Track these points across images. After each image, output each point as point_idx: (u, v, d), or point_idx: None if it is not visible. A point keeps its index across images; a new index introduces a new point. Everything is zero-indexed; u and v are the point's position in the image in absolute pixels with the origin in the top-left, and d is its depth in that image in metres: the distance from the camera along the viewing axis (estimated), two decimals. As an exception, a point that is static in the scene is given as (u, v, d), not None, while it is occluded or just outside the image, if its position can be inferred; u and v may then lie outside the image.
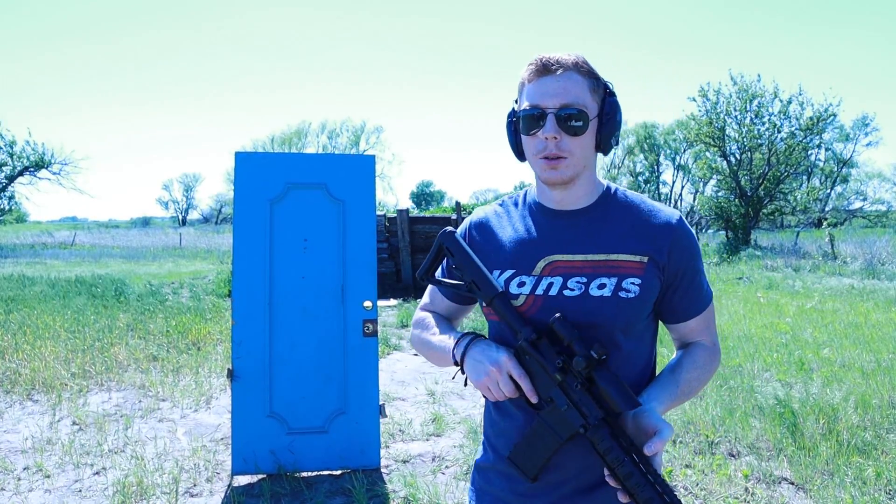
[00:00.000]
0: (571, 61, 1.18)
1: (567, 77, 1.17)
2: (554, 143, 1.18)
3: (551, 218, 1.27)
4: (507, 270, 1.26)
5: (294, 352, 3.69)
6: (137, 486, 3.55)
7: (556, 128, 1.17)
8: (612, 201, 1.27)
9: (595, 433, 1.11)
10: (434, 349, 1.36)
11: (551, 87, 1.17)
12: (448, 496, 3.45)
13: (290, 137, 57.10)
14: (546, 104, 1.17)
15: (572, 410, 1.13)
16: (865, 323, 8.11)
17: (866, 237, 22.56)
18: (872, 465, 3.66)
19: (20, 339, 6.96)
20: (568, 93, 1.17)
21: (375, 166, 3.91)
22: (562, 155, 1.18)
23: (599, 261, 1.21)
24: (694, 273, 1.26)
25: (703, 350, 1.30)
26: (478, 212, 1.39)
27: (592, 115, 1.19)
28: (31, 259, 22.45)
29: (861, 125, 43.12)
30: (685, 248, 1.23)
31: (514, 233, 1.30)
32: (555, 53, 1.19)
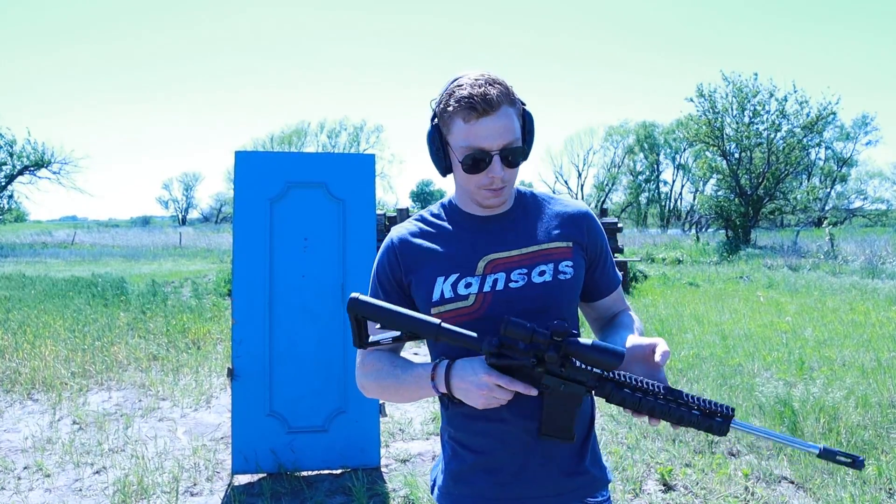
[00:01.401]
0: (500, 93, 1.21)
1: (503, 114, 1.21)
2: (500, 180, 1.25)
3: (479, 222, 1.35)
4: (451, 274, 1.30)
5: (294, 351, 3.69)
6: (138, 485, 3.55)
7: (502, 166, 1.23)
8: (528, 201, 1.39)
9: (601, 392, 1.18)
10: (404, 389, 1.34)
11: (492, 128, 1.21)
12: (448, 495, 3.45)
13: (289, 136, 57.10)
14: (490, 146, 1.21)
15: (570, 385, 1.18)
16: (866, 322, 8.11)
17: (866, 236, 22.55)
18: (873, 464, 3.66)
19: (20, 339, 6.96)
20: (508, 130, 1.22)
21: (375, 165, 3.91)
22: (501, 185, 1.26)
23: (534, 251, 1.31)
24: (607, 254, 1.42)
25: (629, 315, 1.43)
26: (394, 231, 1.40)
27: (522, 140, 1.27)
28: (30, 258, 22.46)
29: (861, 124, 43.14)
30: (598, 231, 1.39)
31: (447, 240, 1.35)
32: (482, 88, 1.20)
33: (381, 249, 1.41)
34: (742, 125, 26.45)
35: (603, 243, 1.40)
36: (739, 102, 26.29)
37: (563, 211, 1.38)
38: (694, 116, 27.53)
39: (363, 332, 1.29)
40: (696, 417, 1.14)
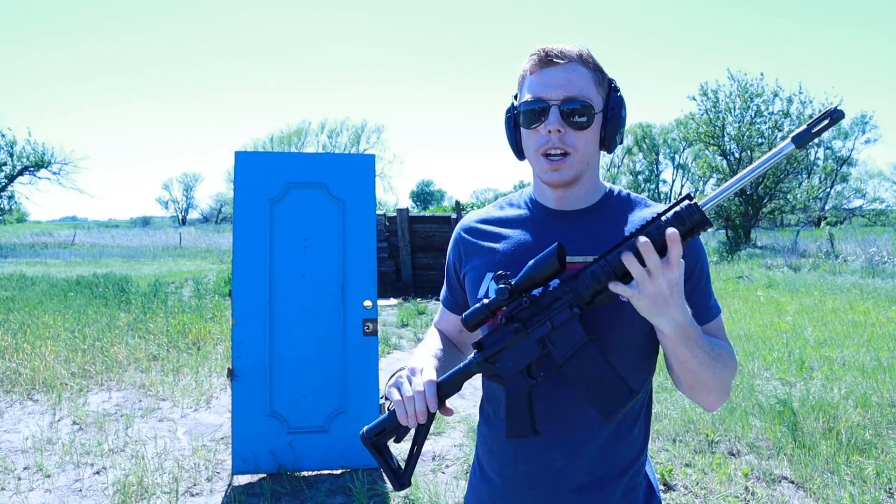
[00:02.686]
0: (576, 52, 1.11)
1: (571, 69, 1.10)
2: (557, 137, 1.10)
3: (550, 219, 1.20)
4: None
5: (294, 351, 3.69)
6: (138, 485, 3.55)
7: (560, 121, 1.09)
8: (614, 203, 1.21)
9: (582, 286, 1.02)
10: None
11: (555, 78, 1.10)
12: (448, 495, 3.45)
13: (289, 137, 57.09)
14: (549, 96, 1.10)
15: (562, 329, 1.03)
16: (865, 321, 8.11)
17: (866, 236, 22.54)
18: (872, 463, 3.66)
19: (20, 339, 6.96)
20: (573, 85, 1.10)
21: (375, 166, 3.91)
22: (566, 150, 1.11)
23: None
24: (700, 277, 1.16)
25: (720, 340, 1.17)
26: (470, 215, 1.32)
27: (597, 109, 1.12)
28: (31, 259, 22.45)
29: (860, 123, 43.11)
30: (692, 248, 1.14)
31: (511, 234, 1.22)
32: (558, 44, 1.12)
33: (456, 229, 1.32)
34: (744, 124, 26.45)
35: (697, 264, 1.15)
36: (744, 101, 26.29)
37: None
38: (695, 115, 27.53)
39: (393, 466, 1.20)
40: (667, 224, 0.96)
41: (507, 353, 1.07)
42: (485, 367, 1.09)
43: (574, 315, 1.02)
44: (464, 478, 3.71)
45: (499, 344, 1.07)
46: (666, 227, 0.95)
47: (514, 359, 1.06)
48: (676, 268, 0.95)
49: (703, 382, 1.07)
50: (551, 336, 1.04)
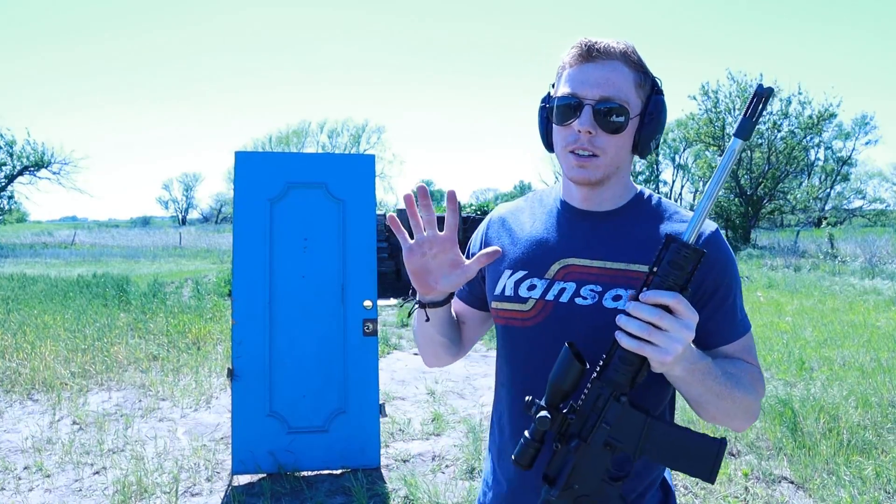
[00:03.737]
0: (620, 49, 1.06)
1: (612, 67, 1.05)
2: (587, 138, 1.06)
3: (574, 218, 1.16)
4: (519, 271, 1.16)
5: (294, 351, 3.69)
6: (137, 485, 3.55)
7: (593, 121, 1.05)
8: (643, 208, 1.15)
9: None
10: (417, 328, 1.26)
11: (593, 75, 1.05)
12: (448, 495, 3.45)
13: (289, 137, 57.10)
14: (585, 94, 1.05)
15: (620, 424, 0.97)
16: (866, 322, 8.11)
17: (866, 236, 22.55)
18: (872, 464, 3.66)
19: (20, 339, 6.96)
20: (611, 84, 1.05)
21: (375, 166, 3.91)
22: (595, 152, 1.06)
23: (618, 270, 1.09)
24: (725, 295, 1.09)
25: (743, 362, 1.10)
26: (500, 207, 1.29)
27: (634, 112, 1.07)
28: (31, 259, 22.45)
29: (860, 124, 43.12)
30: (718, 263, 1.08)
31: (533, 230, 1.19)
32: (603, 38, 1.06)
33: (484, 221, 1.29)
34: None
35: (722, 281, 1.09)
36: (744, 101, 26.30)
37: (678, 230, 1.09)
38: (695, 115, 27.55)
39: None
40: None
41: (578, 472, 0.98)
42: (565, 495, 0.99)
43: (624, 404, 0.96)
44: (463, 478, 3.71)
45: (566, 468, 0.99)
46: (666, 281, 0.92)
47: (590, 474, 0.98)
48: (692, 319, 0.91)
49: (723, 411, 1.03)
50: (613, 435, 0.97)
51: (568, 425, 0.98)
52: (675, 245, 0.92)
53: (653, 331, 0.90)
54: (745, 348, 1.11)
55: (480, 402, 5.24)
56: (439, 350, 1.28)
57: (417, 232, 1.09)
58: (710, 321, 1.08)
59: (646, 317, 0.90)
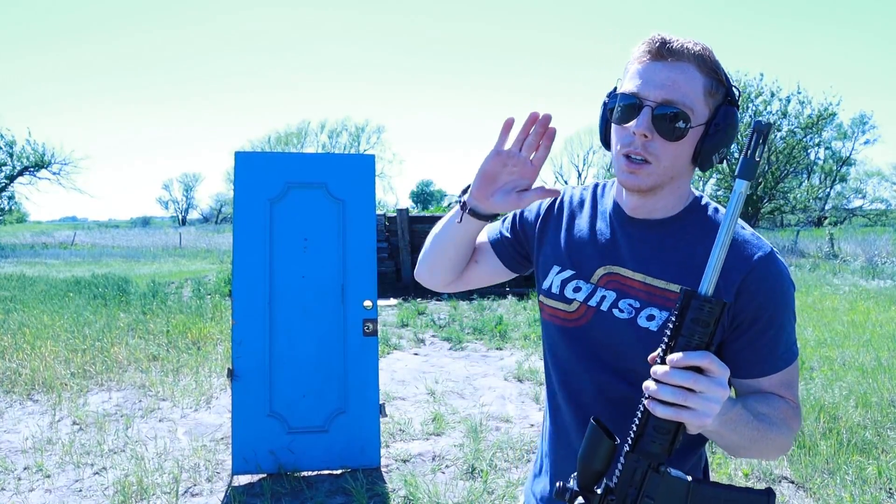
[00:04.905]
0: (695, 51, 0.99)
1: (681, 69, 0.98)
2: (642, 142, 1.00)
3: (623, 224, 1.12)
4: (566, 270, 1.15)
5: (294, 351, 3.69)
6: (138, 485, 3.55)
7: (650, 125, 0.98)
8: (696, 219, 1.09)
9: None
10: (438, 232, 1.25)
11: (658, 76, 0.98)
12: (448, 495, 3.45)
13: (289, 137, 57.10)
14: (647, 94, 0.99)
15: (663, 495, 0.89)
16: (866, 321, 8.11)
17: (866, 236, 22.55)
18: (873, 463, 3.66)
19: (20, 339, 6.96)
20: (676, 88, 0.98)
21: (375, 166, 3.91)
22: (647, 158, 1.01)
23: (657, 288, 1.05)
24: (768, 326, 1.01)
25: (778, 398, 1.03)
26: (571, 191, 1.25)
27: (699, 120, 1.00)
28: (31, 259, 22.45)
29: (859, 123, 43.12)
30: (759, 292, 1.00)
31: (586, 228, 1.16)
32: (679, 38, 1.00)
33: (550, 199, 1.23)
34: (744, 125, 26.44)
35: (766, 310, 1.01)
36: (743, 101, 26.31)
37: (730, 251, 1.02)
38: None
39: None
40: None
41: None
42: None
43: (664, 474, 0.89)
44: (463, 478, 3.71)
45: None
46: (692, 340, 0.85)
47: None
48: (722, 375, 0.85)
49: (755, 452, 1.00)
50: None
51: None
52: (696, 302, 0.86)
53: (688, 395, 0.83)
54: (784, 383, 1.04)
55: (480, 402, 5.24)
56: (442, 262, 1.26)
57: (515, 145, 1.07)
58: (745, 351, 1.02)
59: (679, 381, 0.83)
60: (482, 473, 3.71)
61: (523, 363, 6.50)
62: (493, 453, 4.01)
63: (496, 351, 7.34)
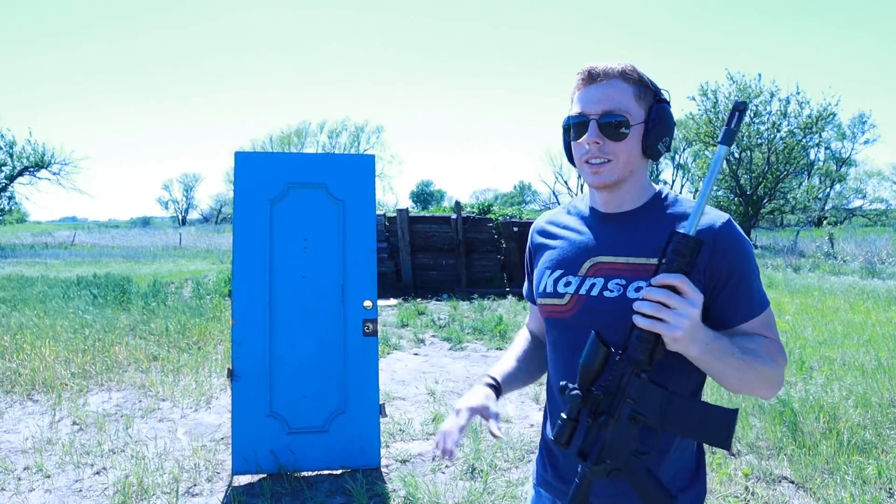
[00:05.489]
0: (618, 70, 1.23)
1: (611, 85, 1.22)
2: (597, 148, 1.22)
3: (601, 221, 1.31)
4: (556, 270, 1.32)
5: (294, 351, 3.69)
6: (138, 485, 3.55)
7: (598, 133, 1.21)
8: (661, 206, 1.28)
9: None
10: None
11: (595, 94, 1.22)
12: (448, 495, 3.46)
13: (289, 137, 57.09)
14: (589, 111, 1.22)
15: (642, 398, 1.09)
16: (866, 322, 8.11)
17: (866, 236, 22.56)
18: (873, 463, 3.66)
19: (20, 340, 6.96)
20: (610, 100, 1.21)
21: (375, 166, 3.91)
22: (606, 158, 1.22)
23: (639, 264, 1.22)
24: (740, 279, 1.19)
25: (761, 337, 1.19)
26: (542, 216, 1.47)
27: (636, 121, 1.22)
28: (31, 259, 22.45)
29: (858, 123, 43.12)
30: (727, 251, 1.18)
31: (569, 235, 1.35)
32: (603, 62, 1.24)
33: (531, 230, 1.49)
34: (743, 125, 26.46)
35: (735, 267, 1.19)
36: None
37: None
38: (694, 115, 27.55)
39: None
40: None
41: (608, 447, 1.10)
42: (598, 469, 1.11)
43: (644, 380, 1.08)
44: (463, 478, 3.71)
45: (598, 443, 1.11)
46: (671, 267, 1.05)
47: (620, 447, 1.10)
48: (696, 297, 1.04)
49: (746, 383, 1.14)
50: (637, 409, 1.08)
51: (598, 403, 1.10)
52: (678, 237, 1.06)
53: (662, 309, 1.03)
54: (764, 325, 1.21)
55: (480, 403, 5.23)
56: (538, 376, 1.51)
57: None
58: (727, 304, 1.19)
59: (655, 297, 1.04)
60: (482, 474, 3.71)
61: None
62: (493, 453, 4.01)
63: (496, 351, 7.34)
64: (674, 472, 1.25)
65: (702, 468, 1.31)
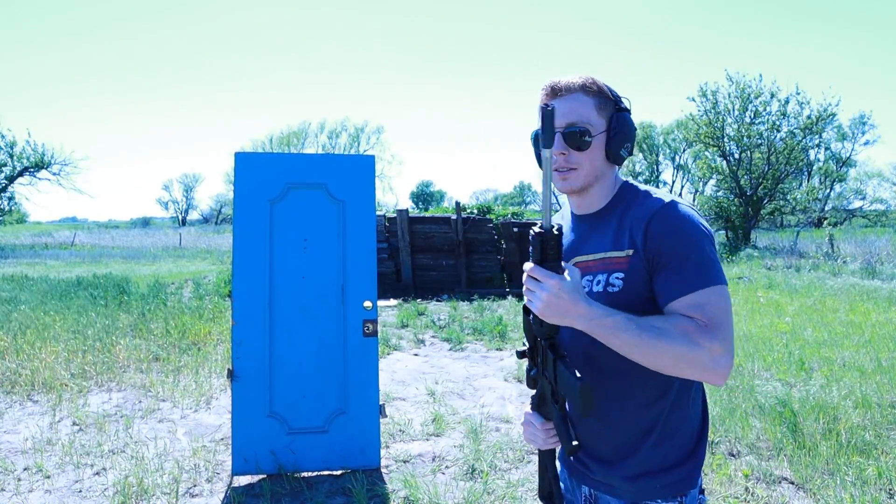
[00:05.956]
0: (579, 83, 1.31)
1: (573, 98, 1.30)
2: (563, 158, 1.31)
3: (577, 223, 1.43)
4: None
5: (294, 352, 3.69)
6: (138, 486, 3.55)
7: (563, 144, 1.30)
8: (622, 199, 1.36)
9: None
10: None
11: (558, 108, 1.29)
12: (448, 496, 3.45)
13: (289, 137, 57.09)
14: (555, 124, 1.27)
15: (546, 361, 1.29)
16: (865, 322, 8.11)
17: (866, 237, 22.55)
18: (873, 464, 3.66)
19: (20, 340, 6.96)
20: (572, 113, 1.29)
21: (375, 166, 3.91)
22: (571, 167, 1.32)
23: (599, 259, 1.33)
24: (670, 259, 1.22)
25: (685, 318, 1.20)
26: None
27: (598, 130, 1.31)
28: (31, 259, 22.45)
29: (859, 124, 43.11)
30: (658, 234, 1.24)
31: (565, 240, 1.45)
32: (565, 77, 1.32)
33: None
34: (743, 125, 26.43)
35: (671, 246, 1.23)
36: (743, 102, 26.28)
37: (637, 212, 1.29)
38: (695, 116, 27.54)
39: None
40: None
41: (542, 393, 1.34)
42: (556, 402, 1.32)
43: (543, 346, 1.27)
44: (464, 478, 3.71)
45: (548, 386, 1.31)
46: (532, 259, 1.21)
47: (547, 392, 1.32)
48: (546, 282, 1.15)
49: (654, 361, 1.19)
50: (546, 371, 1.29)
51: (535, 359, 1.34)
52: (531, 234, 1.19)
53: (528, 292, 1.19)
54: (693, 305, 1.20)
55: (480, 403, 5.24)
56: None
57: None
58: (658, 283, 1.25)
59: (525, 283, 1.20)
60: (482, 474, 3.71)
61: (523, 364, 6.50)
62: (493, 454, 4.01)
63: (496, 352, 7.34)
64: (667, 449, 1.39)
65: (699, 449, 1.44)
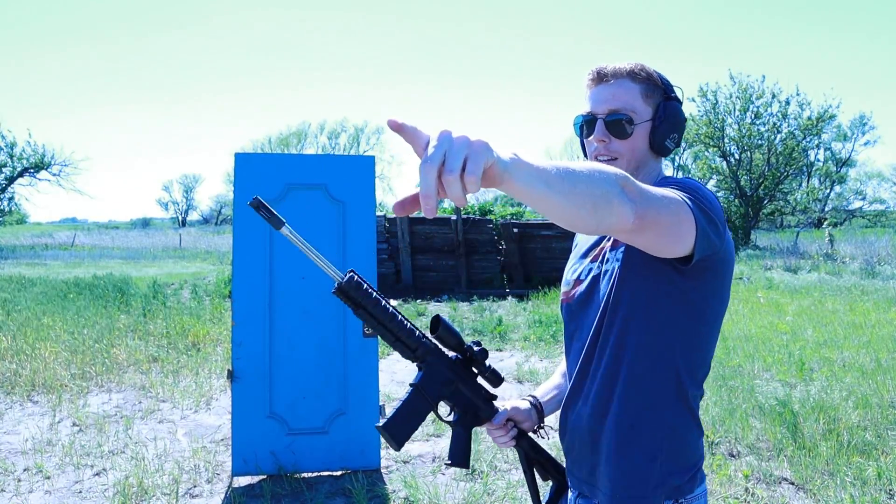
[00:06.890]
0: (626, 70, 1.26)
1: (618, 84, 1.25)
2: (603, 146, 1.26)
3: None
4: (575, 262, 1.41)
5: (294, 352, 3.69)
6: (138, 486, 3.55)
7: (605, 132, 1.25)
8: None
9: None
10: None
11: (602, 94, 1.25)
12: (448, 497, 3.45)
13: (289, 138, 57.11)
14: (597, 111, 1.26)
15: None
16: (865, 323, 8.11)
17: (866, 237, 22.56)
18: (873, 464, 3.66)
19: (20, 341, 6.96)
20: (616, 99, 1.24)
21: (375, 167, 3.91)
22: (612, 156, 1.26)
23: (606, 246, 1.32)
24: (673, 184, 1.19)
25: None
26: None
27: (643, 118, 1.24)
28: (31, 260, 22.45)
29: (859, 124, 43.11)
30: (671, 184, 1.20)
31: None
32: (612, 63, 1.27)
33: None
34: (744, 126, 26.45)
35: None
36: (744, 103, 26.28)
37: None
38: (695, 116, 27.56)
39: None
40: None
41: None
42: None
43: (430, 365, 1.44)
44: (463, 479, 3.70)
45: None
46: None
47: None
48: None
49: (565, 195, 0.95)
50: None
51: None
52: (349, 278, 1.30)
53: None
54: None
55: (480, 404, 5.23)
56: None
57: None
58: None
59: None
60: (482, 475, 3.71)
61: (523, 364, 6.50)
62: (493, 455, 4.01)
63: (496, 352, 7.34)
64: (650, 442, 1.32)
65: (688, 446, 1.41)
